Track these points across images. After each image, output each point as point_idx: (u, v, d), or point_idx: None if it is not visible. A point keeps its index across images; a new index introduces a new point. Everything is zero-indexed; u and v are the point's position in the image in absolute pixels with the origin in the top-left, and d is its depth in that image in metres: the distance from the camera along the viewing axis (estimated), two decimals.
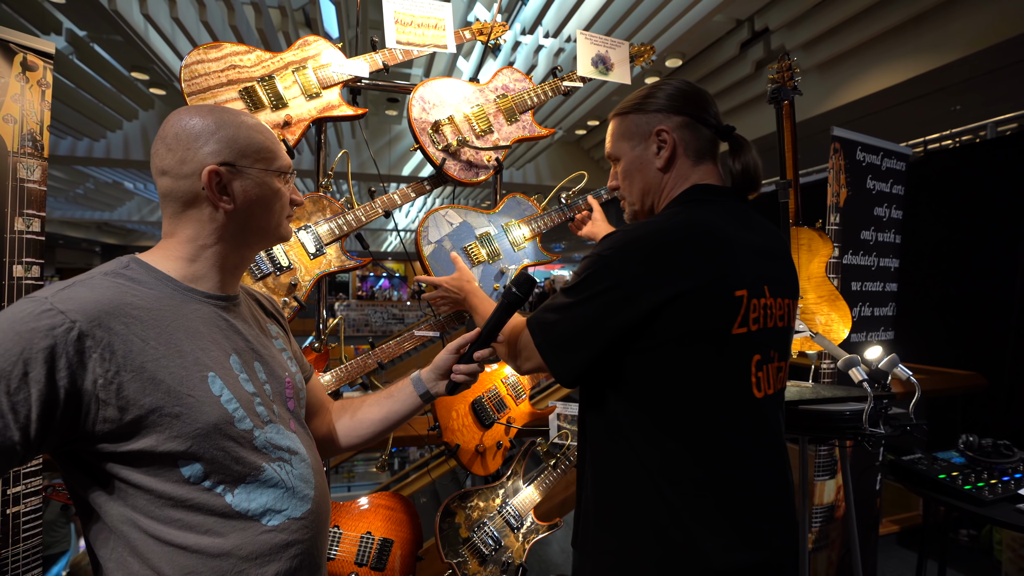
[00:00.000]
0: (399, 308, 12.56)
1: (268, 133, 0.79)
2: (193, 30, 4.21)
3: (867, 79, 4.28)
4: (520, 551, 1.57)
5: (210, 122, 0.73)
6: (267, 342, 0.85)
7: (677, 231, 0.79)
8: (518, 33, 4.52)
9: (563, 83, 1.74)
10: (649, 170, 0.92)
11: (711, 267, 0.78)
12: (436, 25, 1.60)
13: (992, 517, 1.45)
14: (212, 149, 0.72)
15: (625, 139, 0.94)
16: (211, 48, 1.36)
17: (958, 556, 2.78)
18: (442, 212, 1.54)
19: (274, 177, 0.77)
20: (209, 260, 0.75)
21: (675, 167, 0.91)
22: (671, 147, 0.89)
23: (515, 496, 1.63)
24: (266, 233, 0.80)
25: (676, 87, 0.92)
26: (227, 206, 0.74)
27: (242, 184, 0.74)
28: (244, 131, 0.75)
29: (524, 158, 7.63)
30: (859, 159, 2.48)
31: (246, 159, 0.74)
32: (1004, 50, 3.47)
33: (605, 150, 1.00)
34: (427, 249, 1.50)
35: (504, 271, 1.58)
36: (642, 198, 0.94)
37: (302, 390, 0.88)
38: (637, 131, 0.92)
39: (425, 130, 1.56)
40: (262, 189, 0.76)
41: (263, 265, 1.35)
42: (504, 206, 1.65)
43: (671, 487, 0.78)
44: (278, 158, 0.78)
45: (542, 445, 1.71)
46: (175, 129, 0.72)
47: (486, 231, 1.59)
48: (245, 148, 0.74)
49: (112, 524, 0.65)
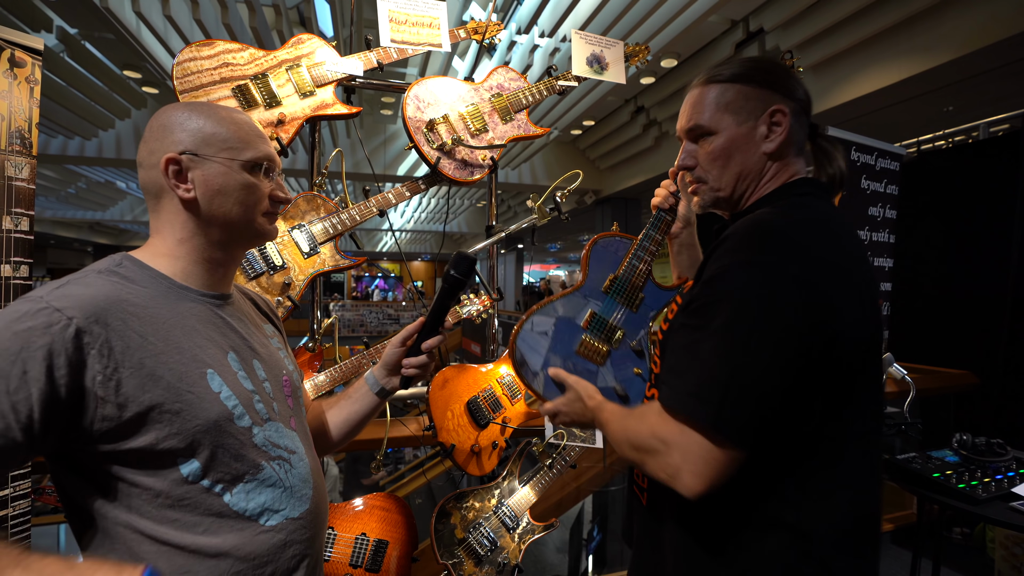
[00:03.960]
0: (394, 308, 12.51)
1: (245, 127, 0.77)
2: (186, 28, 4.17)
3: (861, 80, 4.31)
4: (516, 552, 1.56)
5: (185, 115, 0.73)
6: (264, 340, 0.84)
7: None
8: (513, 33, 4.52)
9: (558, 82, 1.74)
10: (754, 153, 0.78)
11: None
12: (431, 24, 1.59)
13: (986, 516, 1.46)
14: (176, 139, 0.72)
15: (729, 112, 0.78)
16: (204, 46, 1.34)
17: (952, 554, 2.80)
18: (528, 325, 1.07)
19: (241, 168, 0.75)
20: (190, 256, 0.75)
21: (782, 156, 0.79)
22: (786, 131, 0.77)
23: (511, 496, 1.62)
24: (236, 227, 0.76)
25: (785, 68, 0.80)
26: (186, 194, 0.72)
27: (203, 172, 0.72)
28: (213, 122, 0.74)
29: (519, 158, 7.62)
30: (854, 159, 2.49)
31: (209, 147, 0.73)
32: (995, 52, 3.50)
33: (685, 122, 0.83)
34: (537, 384, 1.06)
35: (638, 346, 1.10)
36: (735, 183, 0.80)
37: (299, 388, 0.87)
38: (746, 105, 0.78)
39: (420, 129, 1.55)
40: (226, 179, 0.74)
41: (256, 264, 1.33)
42: (591, 264, 1.11)
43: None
44: (248, 149, 0.76)
45: (538, 445, 1.70)
46: (154, 123, 0.74)
47: (589, 313, 1.09)
48: (209, 137, 0.73)
49: (106, 527, 0.64)
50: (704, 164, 0.82)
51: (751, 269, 0.65)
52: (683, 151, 0.84)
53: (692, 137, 0.83)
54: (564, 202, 1.70)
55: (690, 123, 0.82)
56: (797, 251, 0.66)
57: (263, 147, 0.78)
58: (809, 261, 0.65)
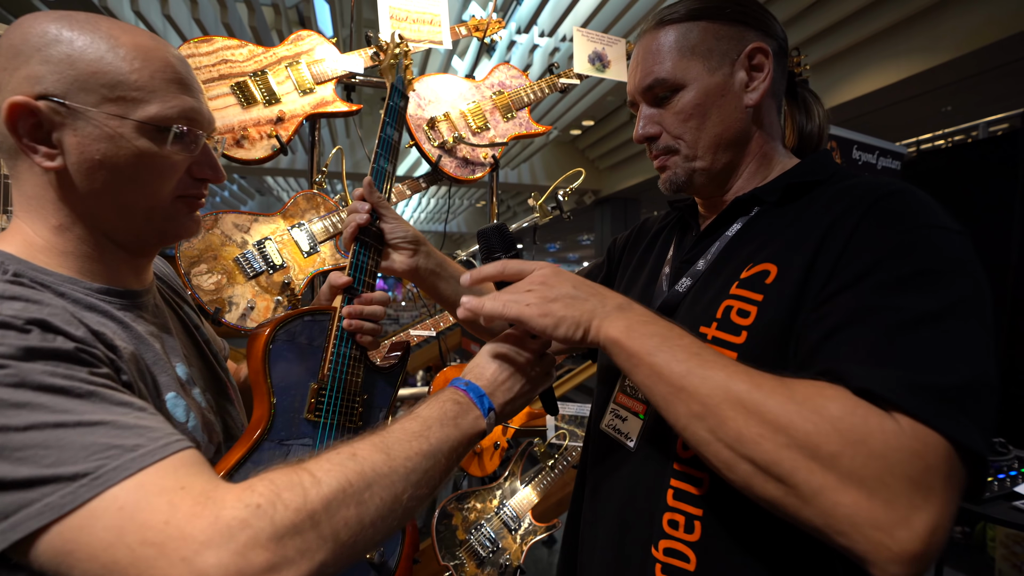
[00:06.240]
0: (394, 308, 12.51)
1: (154, 60, 0.50)
2: (185, 27, 4.16)
3: (859, 80, 4.31)
4: (518, 553, 1.55)
5: (55, 30, 0.47)
6: (194, 336, 0.68)
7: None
8: (513, 32, 4.51)
9: (560, 80, 1.73)
10: (734, 107, 0.61)
11: None
12: (431, 21, 1.58)
13: (988, 515, 1.46)
14: (33, 72, 0.46)
15: (698, 56, 0.60)
16: (202, 42, 1.33)
17: (952, 553, 2.79)
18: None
19: (136, 130, 0.49)
20: (79, 250, 0.52)
21: (765, 113, 0.63)
22: (769, 77, 0.61)
23: (512, 497, 1.61)
24: (133, 218, 0.53)
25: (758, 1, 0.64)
26: (49, 163, 0.48)
27: (76, 133, 0.48)
28: (99, 48, 0.48)
29: (519, 158, 7.62)
30: (855, 158, 2.49)
31: (87, 93, 0.47)
32: (991, 53, 3.51)
33: (640, 79, 0.63)
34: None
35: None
36: (716, 149, 0.62)
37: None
38: (717, 46, 0.60)
39: (420, 127, 1.54)
40: (111, 147, 0.49)
41: (255, 263, 1.32)
42: (272, 375, 0.69)
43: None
44: (153, 99, 0.50)
45: (539, 446, 1.69)
46: (4, 40, 0.48)
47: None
48: (88, 76, 0.47)
49: None
50: (672, 128, 0.62)
51: (948, 234, 0.47)
52: (641, 118, 0.65)
53: (650, 98, 0.64)
54: (566, 201, 1.69)
55: (647, 79, 0.62)
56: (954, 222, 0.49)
57: (180, 97, 0.52)
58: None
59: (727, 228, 0.64)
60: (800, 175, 0.61)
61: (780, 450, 0.41)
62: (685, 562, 0.55)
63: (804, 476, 0.40)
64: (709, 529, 0.54)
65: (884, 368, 0.42)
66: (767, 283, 0.54)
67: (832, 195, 0.56)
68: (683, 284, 0.64)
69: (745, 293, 0.55)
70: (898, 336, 0.43)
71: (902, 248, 0.47)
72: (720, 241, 0.63)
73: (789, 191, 0.60)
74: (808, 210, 0.57)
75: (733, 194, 0.66)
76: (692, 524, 0.55)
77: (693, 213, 0.72)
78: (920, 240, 0.47)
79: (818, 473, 0.40)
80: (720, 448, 0.44)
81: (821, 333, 0.47)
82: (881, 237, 0.48)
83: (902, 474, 0.38)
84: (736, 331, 0.54)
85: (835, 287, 0.48)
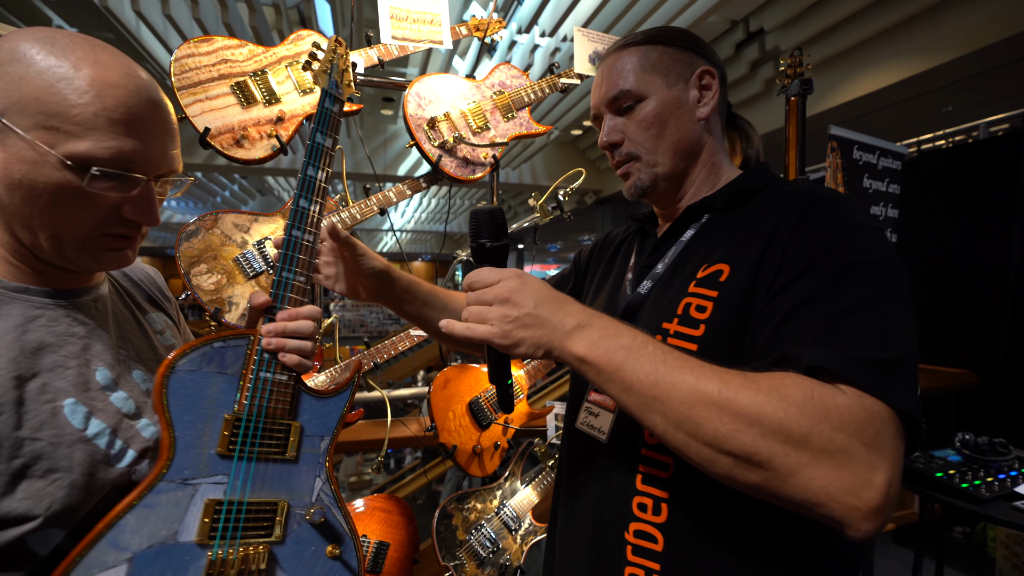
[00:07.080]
0: None
1: (109, 96, 0.50)
2: (186, 27, 4.16)
3: (861, 80, 4.31)
4: (518, 553, 1.55)
5: (22, 48, 0.49)
6: (151, 341, 0.68)
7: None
8: (514, 32, 4.51)
9: (560, 79, 1.73)
10: (688, 119, 0.70)
11: None
12: (432, 21, 1.58)
13: (990, 515, 1.45)
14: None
15: (657, 73, 0.70)
16: (202, 42, 1.33)
17: (952, 554, 2.79)
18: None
19: (59, 163, 0.49)
20: (9, 257, 0.55)
21: (713, 128, 0.73)
22: (716, 95, 0.71)
23: (513, 497, 1.61)
24: (52, 243, 0.53)
25: (697, 36, 0.75)
26: None
27: (6, 151, 0.49)
28: (52, 74, 0.48)
29: (520, 158, 7.62)
30: (856, 158, 2.49)
31: (23, 115, 0.48)
32: (993, 52, 3.51)
33: (606, 92, 0.72)
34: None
35: (320, 515, 0.69)
36: (675, 155, 0.70)
37: None
38: (673, 66, 0.70)
39: (421, 126, 1.54)
40: (31, 171, 0.49)
41: (255, 263, 1.32)
42: (172, 412, 0.66)
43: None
44: (87, 135, 0.49)
45: (540, 446, 1.69)
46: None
47: (204, 506, 0.63)
48: (29, 99, 0.48)
49: None
50: (634, 136, 0.71)
51: (870, 231, 0.56)
52: (605, 128, 0.73)
53: (615, 108, 0.72)
54: (567, 201, 1.69)
55: (613, 91, 0.71)
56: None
57: (120, 139, 0.51)
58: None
59: (682, 234, 0.71)
60: (744, 183, 0.70)
61: (757, 440, 0.45)
62: (653, 543, 0.60)
63: (781, 460, 0.45)
64: (675, 510, 0.59)
65: (831, 348, 0.48)
66: (721, 281, 0.61)
67: (771, 200, 0.64)
68: (644, 286, 0.71)
69: (702, 291, 0.62)
70: (841, 320, 0.49)
71: (837, 245, 0.54)
72: (676, 246, 0.71)
73: (735, 198, 0.68)
74: (752, 215, 0.65)
75: (686, 203, 0.73)
76: (659, 506, 0.60)
77: (652, 222, 0.81)
78: (850, 237, 0.54)
79: (792, 455, 0.44)
80: (700, 447, 0.48)
81: (775, 322, 0.53)
82: (818, 234, 0.56)
83: (859, 441, 0.44)
84: (695, 325, 0.61)
85: (783, 282, 0.55)
